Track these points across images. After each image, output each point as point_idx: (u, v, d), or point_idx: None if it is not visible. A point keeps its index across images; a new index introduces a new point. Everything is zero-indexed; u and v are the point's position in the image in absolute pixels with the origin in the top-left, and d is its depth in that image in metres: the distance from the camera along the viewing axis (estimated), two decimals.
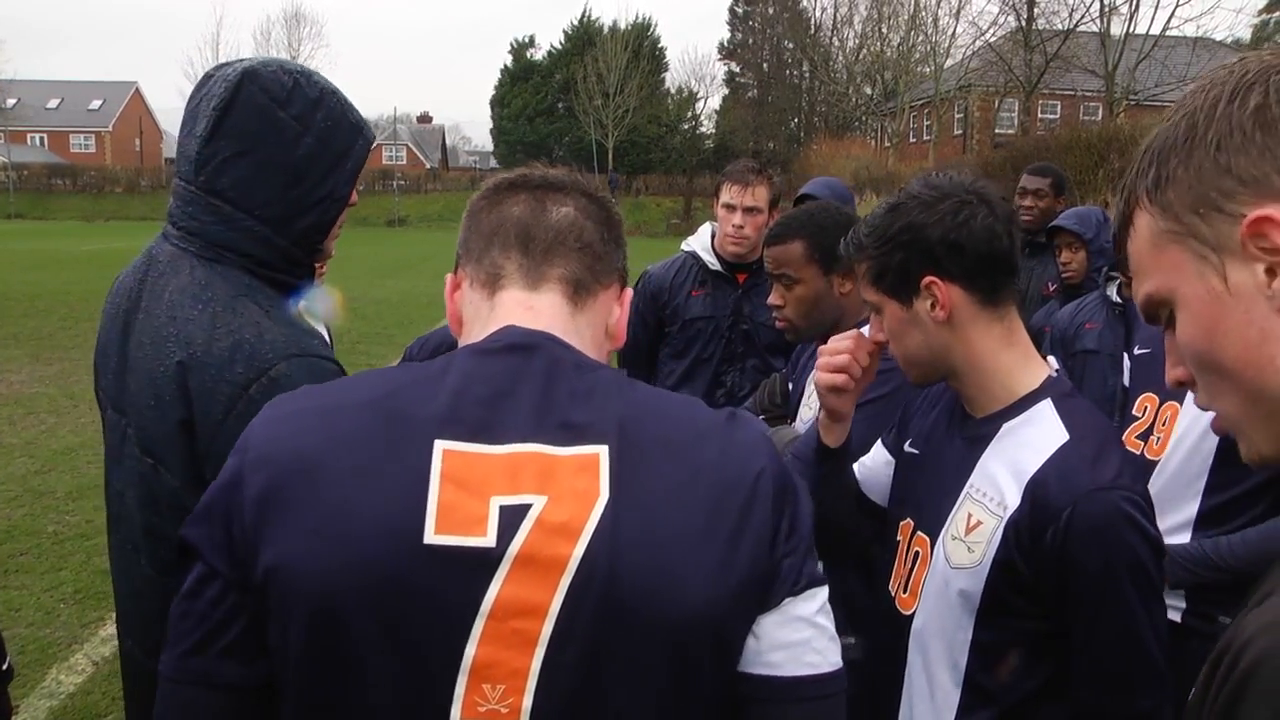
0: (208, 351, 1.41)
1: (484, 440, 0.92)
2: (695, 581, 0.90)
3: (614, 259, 1.11)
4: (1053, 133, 20.71)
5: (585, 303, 1.07)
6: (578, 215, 1.08)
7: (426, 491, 0.89)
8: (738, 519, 0.93)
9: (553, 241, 1.06)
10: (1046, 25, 29.33)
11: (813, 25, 48.07)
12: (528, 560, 0.88)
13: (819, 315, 2.22)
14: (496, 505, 0.89)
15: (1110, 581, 1.33)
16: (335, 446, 0.93)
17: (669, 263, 3.46)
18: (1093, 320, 3.33)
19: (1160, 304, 0.78)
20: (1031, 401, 1.47)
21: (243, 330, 1.42)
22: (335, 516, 0.90)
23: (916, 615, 1.54)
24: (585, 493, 0.90)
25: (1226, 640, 0.67)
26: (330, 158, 1.52)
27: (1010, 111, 34.47)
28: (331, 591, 0.88)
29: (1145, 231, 0.77)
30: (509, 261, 1.06)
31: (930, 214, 1.47)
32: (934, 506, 1.54)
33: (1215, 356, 0.73)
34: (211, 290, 1.46)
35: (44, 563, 4.86)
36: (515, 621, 0.88)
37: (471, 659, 0.88)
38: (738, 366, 3.32)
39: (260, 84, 1.46)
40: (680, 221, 36.97)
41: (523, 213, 1.08)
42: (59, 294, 14.31)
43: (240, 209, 1.48)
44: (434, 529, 0.88)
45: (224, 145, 1.46)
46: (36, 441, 6.96)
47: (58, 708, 3.54)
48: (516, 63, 53.11)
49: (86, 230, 32.48)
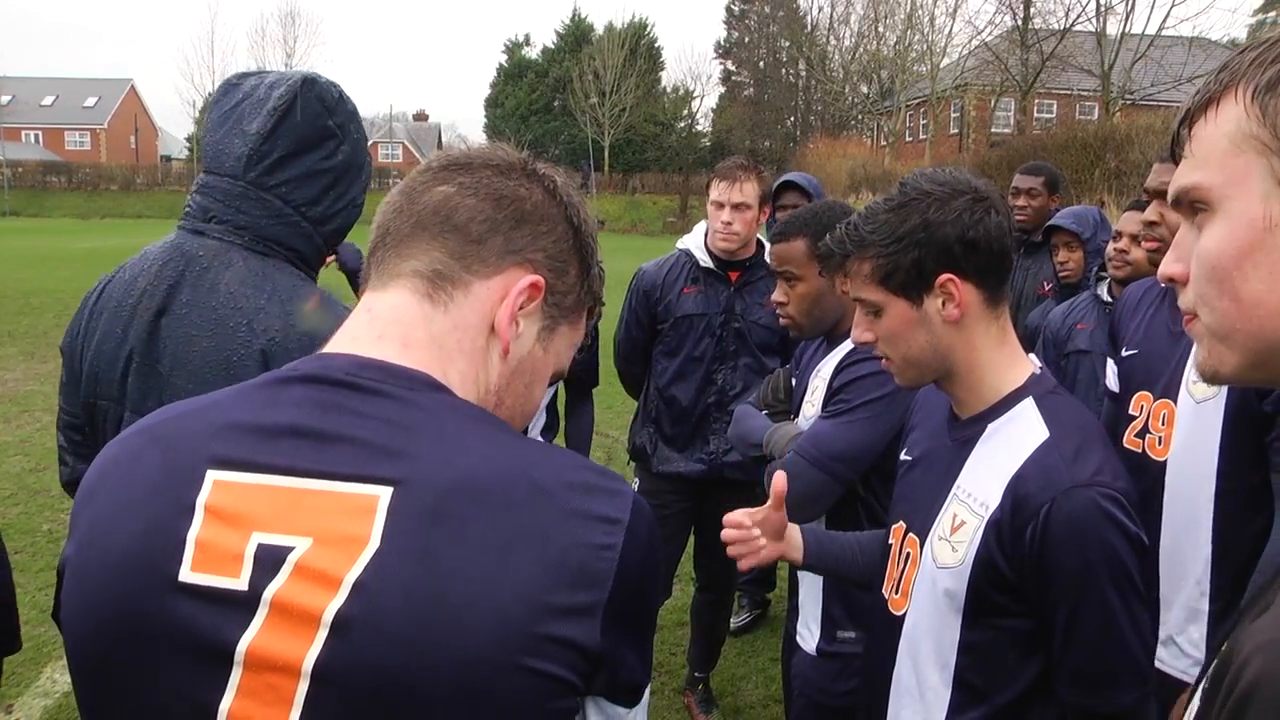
0: (286, 337, 1.51)
1: (259, 471, 0.81)
2: (470, 640, 0.76)
3: (507, 242, 0.90)
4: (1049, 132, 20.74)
5: (450, 298, 0.89)
6: (455, 193, 0.90)
7: (190, 524, 0.80)
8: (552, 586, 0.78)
9: (412, 228, 0.90)
10: (1043, 24, 29.40)
11: (809, 24, 48.12)
12: (283, 609, 0.77)
13: (821, 313, 2.24)
14: (255, 543, 0.79)
15: (1089, 578, 1.33)
16: (113, 472, 0.86)
17: (662, 260, 3.47)
18: (1084, 320, 3.34)
19: (1198, 199, 0.72)
20: (1014, 400, 1.47)
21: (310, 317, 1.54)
22: (95, 551, 0.83)
23: (907, 616, 1.56)
24: (354, 539, 0.78)
25: (1227, 654, 0.65)
26: (357, 168, 1.67)
27: (1006, 111, 34.51)
28: (85, 633, 0.82)
29: (1230, 125, 0.70)
30: (371, 271, 0.92)
31: (946, 211, 1.44)
32: (924, 509, 1.55)
33: (1234, 281, 0.69)
34: (271, 281, 1.55)
35: (39, 561, 4.85)
36: (270, 676, 0.77)
37: (226, 714, 0.77)
38: (730, 364, 3.33)
39: (317, 91, 1.61)
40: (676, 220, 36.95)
41: (395, 200, 0.93)
42: (53, 292, 14.28)
43: (290, 205, 1.59)
44: (190, 565, 0.79)
45: (280, 145, 1.57)
46: (31, 439, 6.95)
47: (52, 706, 3.54)
48: (511, 60, 53.04)
49: (81, 228, 32.40)
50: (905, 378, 1.55)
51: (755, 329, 3.30)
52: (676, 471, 3.39)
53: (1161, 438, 2.13)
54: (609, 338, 3.67)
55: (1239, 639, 0.64)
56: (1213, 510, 2.03)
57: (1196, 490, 2.06)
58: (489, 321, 0.90)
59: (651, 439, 3.46)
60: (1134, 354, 2.28)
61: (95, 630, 0.81)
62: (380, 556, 0.77)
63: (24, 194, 41.36)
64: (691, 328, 3.34)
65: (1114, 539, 1.33)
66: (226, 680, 0.77)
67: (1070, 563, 1.33)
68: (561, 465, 0.85)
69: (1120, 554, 1.33)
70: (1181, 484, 2.08)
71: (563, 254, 0.94)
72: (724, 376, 3.33)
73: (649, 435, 3.47)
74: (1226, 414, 2.00)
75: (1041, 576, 1.35)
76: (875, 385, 2.07)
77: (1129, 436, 2.22)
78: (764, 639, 4.31)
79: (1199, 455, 2.05)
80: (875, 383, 2.06)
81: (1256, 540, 2.00)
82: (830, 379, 2.17)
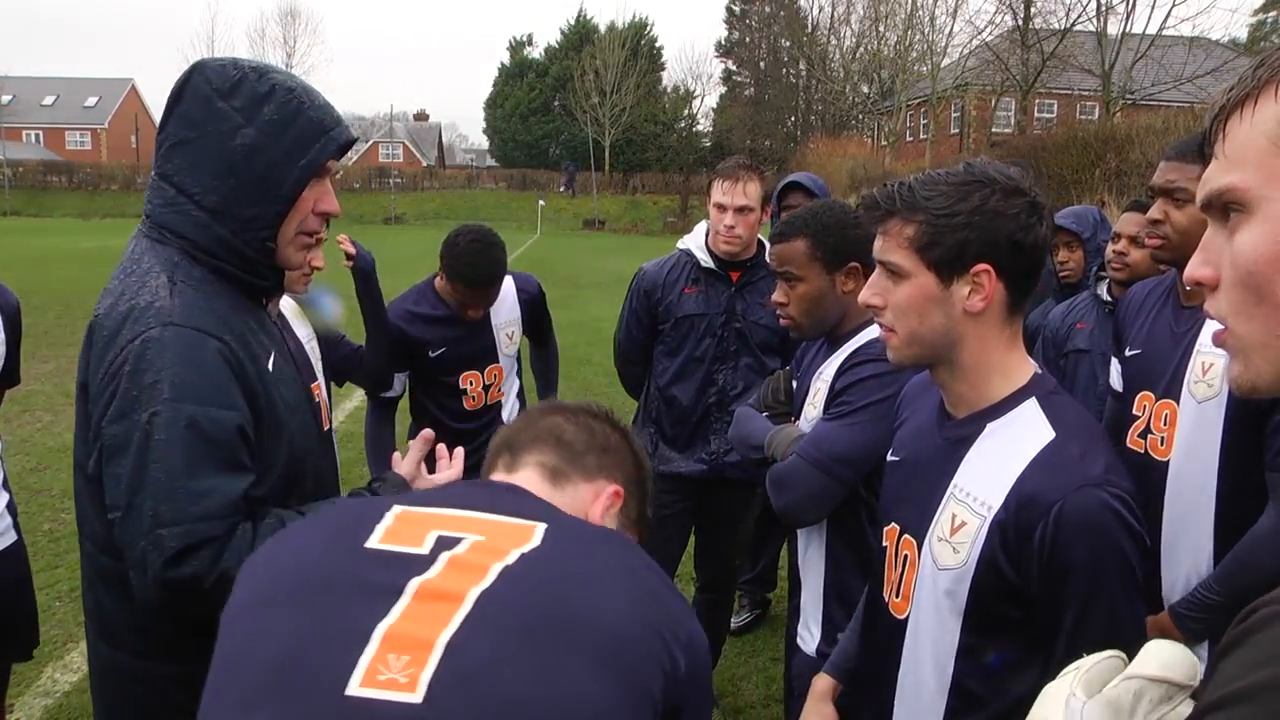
0: (108, 315, 1.49)
1: (435, 506, 1.09)
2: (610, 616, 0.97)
3: (602, 462, 1.26)
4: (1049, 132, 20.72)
5: (563, 485, 1.22)
6: (563, 421, 1.27)
7: (376, 527, 1.05)
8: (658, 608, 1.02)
9: (532, 440, 1.25)
10: (1043, 24, 29.39)
11: (810, 24, 48.09)
12: (457, 563, 0.99)
13: (822, 313, 2.23)
14: (434, 535, 1.03)
15: (1099, 577, 1.33)
16: (307, 527, 1.13)
17: (663, 260, 3.47)
18: (1084, 320, 3.34)
19: (1234, 201, 0.69)
20: (1016, 401, 1.46)
21: (140, 297, 1.48)
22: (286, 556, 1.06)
23: (909, 619, 1.54)
24: (519, 538, 1.02)
25: None
26: (277, 153, 1.53)
27: (1007, 110, 34.49)
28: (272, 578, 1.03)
29: (1269, 124, 0.67)
30: (497, 461, 1.26)
31: (1007, 205, 1.41)
32: (919, 509, 1.53)
33: (1273, 285, 0.66)
34: (140, 264, 1.53)
35: (40, 561, 4.85)
36: (433, 604, 0.95)
37: (385, 630, 0.93)
38: (730, 364, 3.33)
39: (205, 75, 1.54)
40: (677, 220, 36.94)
41: (518, 425, 1.29)
42: (55, 291, 14.28)
43: (183, 193, 1.54)
44: (375, 540, 1.03)
45: (172, 132, 1.55)
46: (32, 439, 6.96)
47: (53, 706, 3.54)
48: (513, 60, 53.04)
49: (82, 227, 32.40)
50: (903, 355, 1.51)
51: (756, 329, 3.30)
52: (677, 472, 3.39)
53: (1164, 438, 2.13)
54: (609, 337, 3.67)
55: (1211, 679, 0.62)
56: (1214, 510, 2.03)
57: (1198, 490, 2.06)
58: (586, 512, 1.22)
59: (652, 439, 3.46)
60: (1137, 354, 2.28)
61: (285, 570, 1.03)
62: (542, 548, 1.01)
63: (25, 194, 41.37)
64: (692, 328, 3.34)
65: (1123, 539, 1.33)
66: (389, 608, 0.94)
67: (1081, 560, 1.32)
68: None
69: (1128, 554, 1.33)
70: (1183, 484, 2.08)
71: (631, 481, 1.29)
72: (725, 377, 3.33)
73: (649, 435, 3.47)
74: (1228, 414, 2.00)
75: (1052, 576, 1.34)
76: (878, 387, 2.06)
77: (1132, 436, 2.22)
78: (764, 639, 4.31)
79: (1201, 455, 2.05)
80: (878, 384, 2.06)
81: None
82: (832, 381, 2.16)
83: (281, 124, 1.53)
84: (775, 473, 2.14)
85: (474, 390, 3.28)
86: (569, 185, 41.16)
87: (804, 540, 2.22)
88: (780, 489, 2.12)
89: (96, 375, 1.47)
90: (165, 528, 1.40)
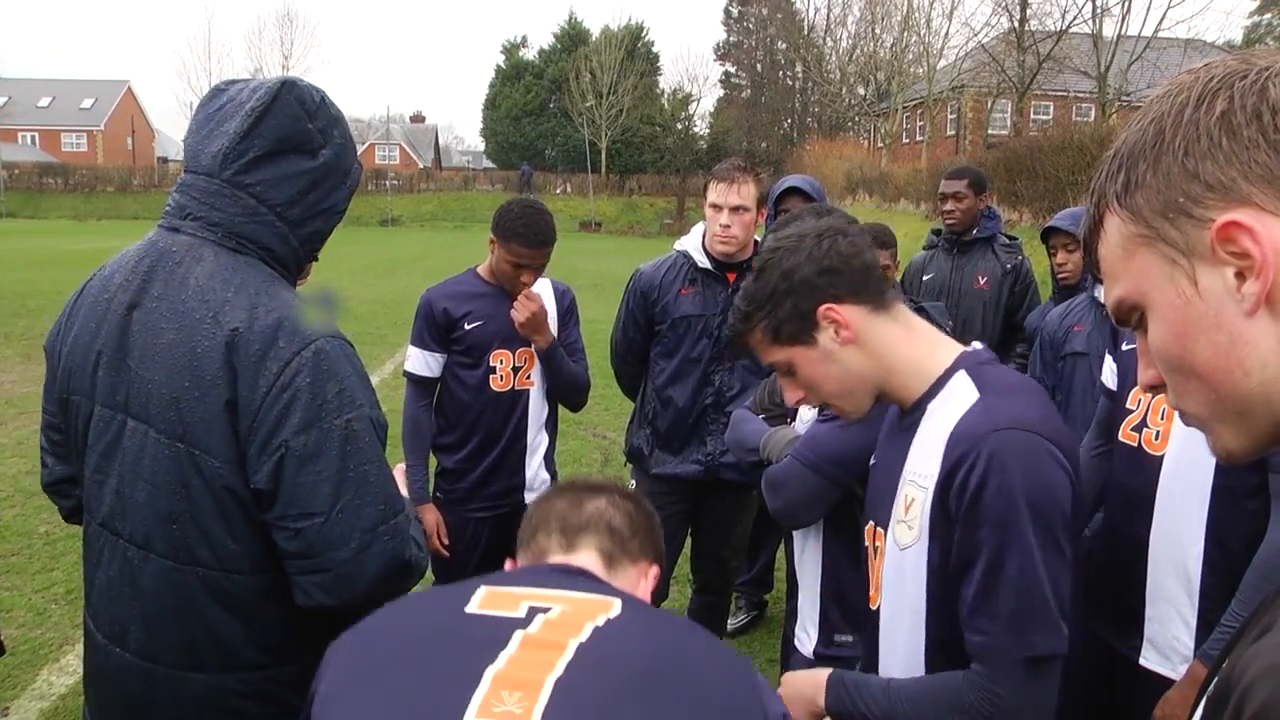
0: (250, 329, 1.50)
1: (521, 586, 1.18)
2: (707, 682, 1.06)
3: (642, 544, 1.38)
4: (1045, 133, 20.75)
5: (617, 569, 1.33)
6: (607, 506, 1.38)
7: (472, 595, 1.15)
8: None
9: (585, 524, 1.35)
10: (1039, 26, 29.43)
11: (806, 26, 48.13)
12: (552, 624, 1.09)
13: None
14: (526, 604, 1.12)
15: (1013, 514, 1.35)
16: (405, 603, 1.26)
17: (660, 261, 3.47)
18: (1081, 322, 3.34)
19: (1132, 308, 0.78)
20: (948, 377, 1.52)
21: (284, 309, 1.54)
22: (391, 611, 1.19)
23: (882, 607, 1.59)
24: (602, 608, 1.12)
25: (1226, 677, 0.65)
26: (340, 173, 1.67)
27: (1003, 112, 34.56)
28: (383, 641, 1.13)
29: (1115, 235, 0.78)
30: (550, 541, 1.35)
31: (797, 255, 1.55)
32: (884, 501, 1.58)
33: (1186, 360, 0.74)
34: (241, 275, 1.56)
35: (35, 563, 4.85)
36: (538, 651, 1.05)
37: (494, 672, 1.02)
38: (727, 365, 3.33)
39: (297, 94, 1.61)
40: (673, 221, 36.99)
41: (563, 506, 1.38)
42: (50, 293, 14.25)
43: (264, 204, 1.59)
44: (475, 606, 1.13)
45: (257, 144, 1.57)
46: (28, 441, 6.94)
47: (49, 709, 3.53)
48: (509, 62, 53.06)
49: (78, 229, 32.36)
50: (850, 410, 1.62)
51: None
52: (673, 473, 3.39)
53: (1159, 432, 2.14)
54: (606, 339, 3.67)
55: (1241, 659, 0.64)
56: (1208, 507, 2.04)
57: (1192, 486, 2.06)
58: (635, 592, 1.33)
59: (648, 440, 3.46)
60: (1134, 348, 2.28)
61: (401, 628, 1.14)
62: (624, 616, 1.11)
63: (20, 195, 41.32)
64: (689, 329, 3.34)
65: (1042, 482, 1.36)
66: (496, 655, 1.04)
67: (998, 496, 1.35)
68: None
69: (1046, 498, 1.36)
70: (1178, 479, 2.09)
71: (660, 556, 1.42)
72: (721, 378, 3.33)
73: (646, 436, 3.47)
74: None
75: (973, 517, 1.37)
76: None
77: (1125, 430, 2.22)
78: (761, 640, 4.31)
79: (1197, 450, 2.03)
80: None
81: (1250, 540, 2.00)
82: None
83: (344, 148, 1.67)
84: (771, 475, 2.15)
85: (503, 369, 3.21)
86: (526, 187, 40.79)
87: (800, 542, 2.22)
88: (776, 491, 2.12)
89: (256, 389, 1.48)
90: (395, 517, 1.56)
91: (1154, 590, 2.12)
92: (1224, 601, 2.00)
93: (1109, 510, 2.33)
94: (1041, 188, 14.67)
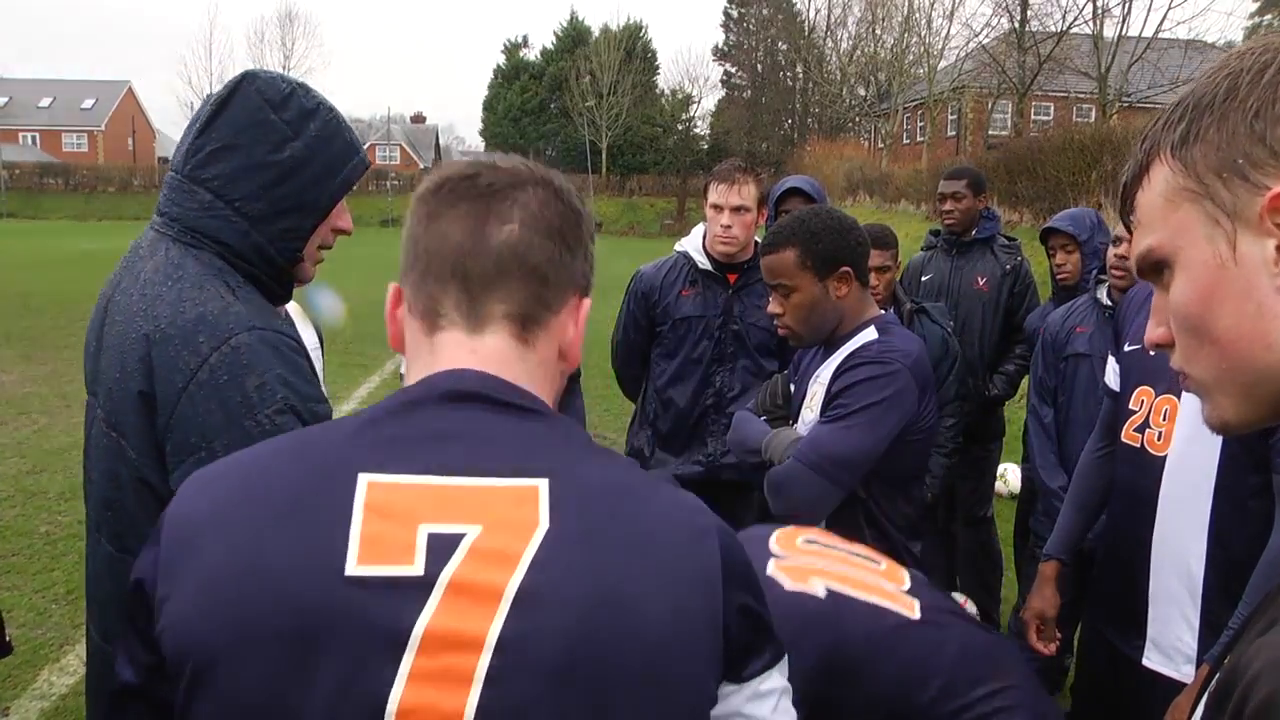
0: (172, 324, 1.46)
1: (412, 472, 0.86)
2: (650, 624, 0.83)
3: (571, 272, 0.99)
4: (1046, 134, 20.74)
5: (536, 336, 0.97)
6: (523, 233, 0.96)
7: (349, 524, 0.82)
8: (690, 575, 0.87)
9: (494, 273, 0.95)
10: (1040, 27, 29.42)
11: (807, 27, 48.14)
12: (461, 588, 0.81)
13: (818, 320, 2.24)
14: (425, 533, 0.82)
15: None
16: (248, 495, 0.86)
17: (660, 262, 3.47)
18: (1083, 324, 3.33)
19: (1160, 261, 0.76)
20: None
21: (207, 304, 1.48)
22: (243, 561, 0.82)
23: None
24: (523, 522, 0.83)
25: (1231, 669, 0.65)
26: (318, 167, 1.59)
27: (1004, 113, 34.55)
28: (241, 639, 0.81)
29: (1161, 185, 0.75)
30: (446, 297, 0.96)
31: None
32: None
33: (1206, 323, 0.72)
34: (183, 269, 1.52)
35: (36, 563, 4.84)
36: (448, 656, 0.79)
37: (397, 705, 0.79)
38: (728, 367, 3.32)
39: (258, 85, 1.56)
40: (674, 222, 36.99)
41: (461, 237, 0.95)
42: (51, 294, 14.26)
43: (221, 199, 1.55)
44: (356, 560, 0.81)
45: (214, 138, 1.54)
46: (28, 441, 6.94)
47: (49, 709, 3.53)
48: (509, 62, 53.04)
49: (79, 230, 32.37)
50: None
51: (753, 331, 3.30)
52: (674, 474, 3.39)
53: (1162, 433, 2.13)
54: (606, 340, 3.67)
55: (1246, 653, 0.64)
56: (1210, 508, 2.03)
57: (1195, 487, 2.05)
58: (559, 346, 1.00)
59: (649, 441, 3.46)
60: (1136, 349, 2.27)
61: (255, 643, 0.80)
62: (553, 535, 0.83)
63: (21, 196, 41.32)
64: (690, 330, 3.33)
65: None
66: (397, 668, 0.79)
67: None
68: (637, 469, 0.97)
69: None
70: (1180, 480, 2.08)
71: (591, 265, 1.04)
72: (722, 378, 3.33)
73: (646, 437, 3.47)
74: None
75: None
76: (874, 389, 2.06)
77: (1127, 431, 2.21)
78: None
79: (1200, 452, 2.04)
80: (874, 386, 2.06)
81: (1252, 541, 1.99)
82: (829, 383, 2.17)
83: (324, 141, 1.58)
84: (773, 476, 2.15)
85: None
86: None
87: None
88: (778, 492, 2.12)
89: (173, 385, 1.44)
90: None
91: (1157, 591, 2.11)
92: (1226, 602, 2.00)
93: (1112, 511, 2.33)
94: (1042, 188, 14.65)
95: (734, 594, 0.89)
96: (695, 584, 0.87)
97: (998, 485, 5.62)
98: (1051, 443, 3.37)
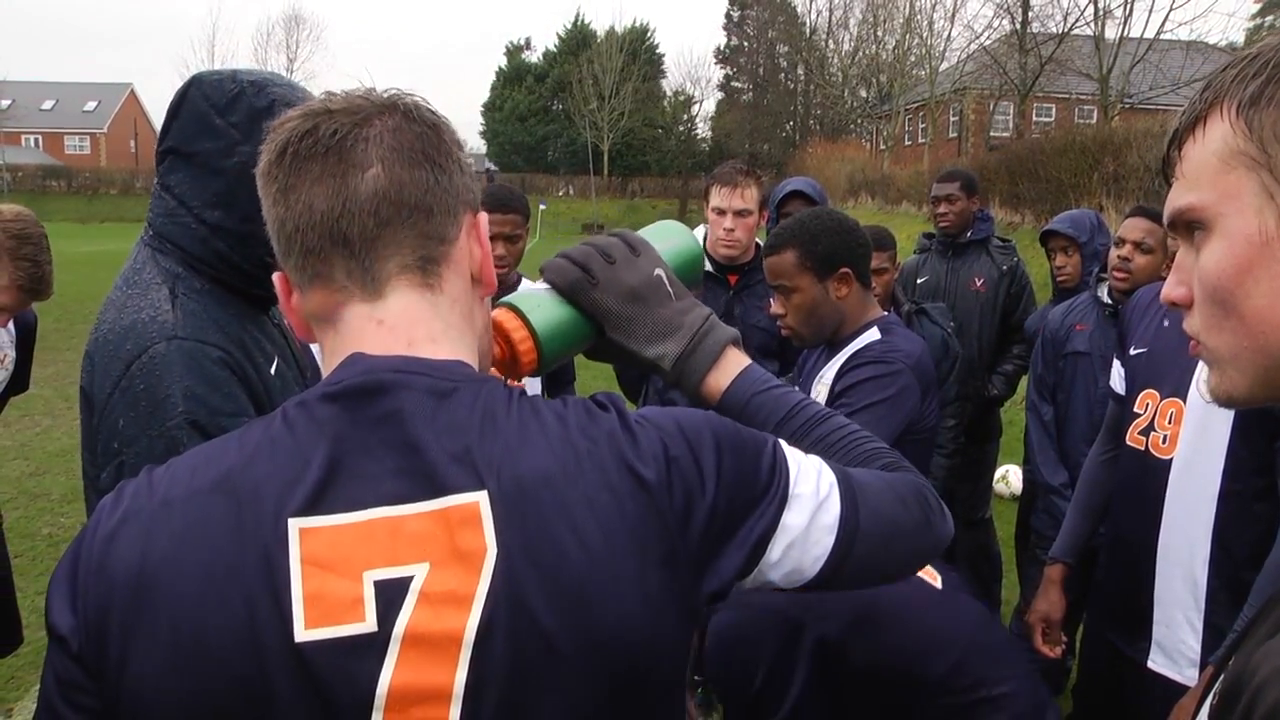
0: (112, 329, 1.47)
1: (344, 509, 0.78)
2: (612, 612, 0.78)
3: (452, 192, 0.89)
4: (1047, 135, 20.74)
5: (441, 276, 0.88)
6: (388, 171, 0.85)
7: (289, 582, 0.76)
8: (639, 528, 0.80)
9: (374, 227, 0.85)
10: (1041, 28, 29.40)
11: (808, 29, 48.17)
12: (418, 639, 0.76)
13: (819, 320, 2.25)
14: (370, 581, 0.76)
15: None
16: (178, 547, 0.78)
17: None
18: (1083, 322, 3.34)
19: (1195, 220, 0.71)
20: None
21: (142, 310, 1.47)
22: (186, 634, 0.75)
23: None
24: (470, 552, 0.77)
25: (1237, 673, 0.64)
26: None
27: (1005, 114, 34.53)
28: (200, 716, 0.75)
29: (1217, 143, 0.69)
30: (334, 270, 0.86)
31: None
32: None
33: (1236, 297, 0.68)
34: (140, 274, 1.52)
35: (39, 565, 4.85)
36: (418, 710, 0.76)
37: None
38: None
39: (203, 90, 1.51)
40: None
41: (326, 203, 0.84)
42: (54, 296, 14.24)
43: (183, 205, 1.53)
44: (304, 624, 0.75)
45: (170, 146, 1.54)
46: (31, 444, 6.95)
47: None
48: (511, 64, 53.09)
49: (81, 232, 32.39)
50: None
51: (754, 332, 3.30)
52: None
53: (1167, 436, 2.12)
54: None
55: (1252, 657, 0.62)
56: (1215, 511, 2.03)
57: (1200, 490, 2.05)
58: (469, 273, 0.91)
59: None
60: (1142, 352, 2.28)
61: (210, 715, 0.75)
62: (504, 561, 0.77)
63: (23, 198, 41.28)
64: None
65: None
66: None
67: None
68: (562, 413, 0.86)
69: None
70: (1185, 483, 2.08)
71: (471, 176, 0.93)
72: None
73: None
74: (1237, 415, 2.00)
75: None
76: (877, 388, 2.07)
77: (1132, 434, 2.21)
78: None
79: (1206, 455, 2.04)
80: (877, 386, 2.06)
81: (1257, 544, 2.00)
82: (832, 384, 2.17)
83: None
84: None
85: None
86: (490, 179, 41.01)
87: None
88: None
89: (102, 389, 1.45)
90: None
91: (1161, 593, 2.11)
92: (1230, 605, 2.00)
93: (1116, 513, 2.33)
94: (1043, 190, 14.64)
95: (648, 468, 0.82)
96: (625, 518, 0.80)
97: (999, 487, 5.63)
98: (1051, 440, 3.37)
